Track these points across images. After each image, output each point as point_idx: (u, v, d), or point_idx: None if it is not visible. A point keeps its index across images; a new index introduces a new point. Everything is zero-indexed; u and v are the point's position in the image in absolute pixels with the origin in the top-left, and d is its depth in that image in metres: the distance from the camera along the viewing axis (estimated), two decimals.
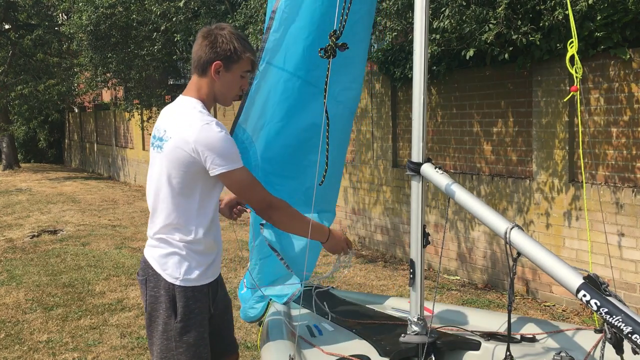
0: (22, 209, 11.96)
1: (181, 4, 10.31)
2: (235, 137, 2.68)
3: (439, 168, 2.30)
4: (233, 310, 2.64)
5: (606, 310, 1.55)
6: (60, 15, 20.55)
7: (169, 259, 2.29)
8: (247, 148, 2.71)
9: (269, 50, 2.65)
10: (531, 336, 2.46)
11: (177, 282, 2.28)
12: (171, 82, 16.20)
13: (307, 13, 2.65)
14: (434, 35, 5.66)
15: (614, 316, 1.53)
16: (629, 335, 1.49)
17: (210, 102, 2.35)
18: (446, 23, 5.39)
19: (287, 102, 2.73)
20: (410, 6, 5.54)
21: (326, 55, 2.28)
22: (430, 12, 5.40)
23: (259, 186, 2.29)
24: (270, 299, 2.91)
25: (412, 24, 2.64)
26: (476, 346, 2.40)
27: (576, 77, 2.10)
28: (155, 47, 11.84)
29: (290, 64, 2.69)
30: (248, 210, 2.64)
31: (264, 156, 2.76)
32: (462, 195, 2.13)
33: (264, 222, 2.70)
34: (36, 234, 9.30)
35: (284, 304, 2.89)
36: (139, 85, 13.31)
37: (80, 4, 12.13)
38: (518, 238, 1.86)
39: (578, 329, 2.47)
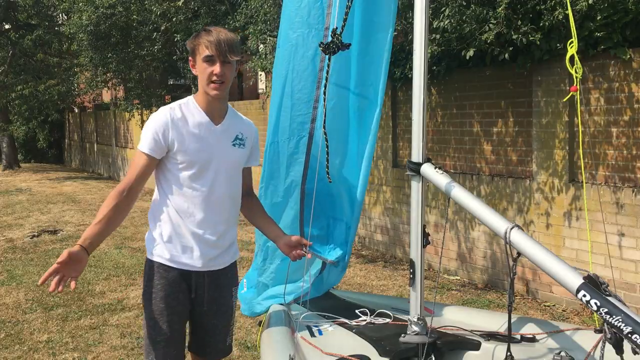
0: (22, 209, 11.96)
1: (181, 4, 10.31)
2: (314, 167, 2.78)
3: (439, 168, 2.30)
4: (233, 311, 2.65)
5: (606, 310, 1.55)
6: (60, 15, 20.55)
7: (149, 236, 2.56)
8: (323, 178, 2.76)
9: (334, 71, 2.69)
10: (531, 336, 2.46)
11: (148, 256, 2.54)
12: (171, 82, 16.20)
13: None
14: (434, 35, 5.66)
15: (614, 316, 1.53)
16: (629, 335, 1.49)
17: (203, 97, 2.49)
18: (446, 23, 5.39)
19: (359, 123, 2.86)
20: (410, 6, 5.53)
21: (327, 52, 2.28)
22: (430, 12, 5.40)
23: (131, 172, 2.42)
24: (273, 302, 2.92)
25: (412, 24, 2.64)
26: (476, 346, 2.40)
27: (576, 77, 2.10)
28: (155, 47, 11.84)
29: (351, 81, 2.81)
30: (309, 255, 2.66)
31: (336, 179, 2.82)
32: (462, 195, 2.13)
33: None
34: (36, 234, 9.30)
35: (287, 303, 2.90)
36: (139, 85, 13.31)
37: (80, 4, 12.14)
38: (518, 238, 1.86)
39: (578, 329, 2.47)
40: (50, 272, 2.08)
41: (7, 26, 20.13)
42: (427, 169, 2.30)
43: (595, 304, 1.57)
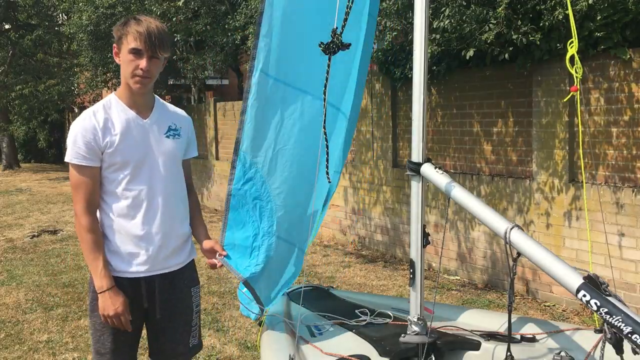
0: (22, 209, 11.96)
1: (181, 4, 10.31)
2: (242, 164, 2.61)
3: (439, 168, 2.30)
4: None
5: (606, 310, 1.55)
6: (60, 15, 20.56)
7: None
8: (251, 178, 2.63)
9: (261, 59, 2.54)
10: (531, 336, 2.46)
11: None
12: (171, 82, 16.17)
13: (307, 19, 2.61)
14: (434, 35, 5.66)
15: (614, 316, 1.53)
16: (629, 335, 1.49)
17: (126, 91, 2.37)
18: (446, 23, 5.39)
19: (300, 123, 2.65)
20: (410, 6, 5.54)
21: (327, 52, 2.27)
22: (430, 12, 5.40)
23: (79, 192, 2.30)
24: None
25: (412, 24, 2.64)
26: (476, 346, 2.40)
27: (576, 77, 2.10)
28: None
29: (299, 80, 2.61)
30: (219, 264, 2.53)
31: (280, 187, 2.66)
32: (462, 195, 2.13)
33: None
34: (36, 234, 9.30)
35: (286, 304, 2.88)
36: None
37: (81, 4, 12.14)
38: (518, 238, 1.86)
39: (578, 329, 2.47)
40: (125, 321, 2.32)
41: (7, 26, 20.14)
42: (427, 169, 2.30)
43: (595, 304, 1.57)
